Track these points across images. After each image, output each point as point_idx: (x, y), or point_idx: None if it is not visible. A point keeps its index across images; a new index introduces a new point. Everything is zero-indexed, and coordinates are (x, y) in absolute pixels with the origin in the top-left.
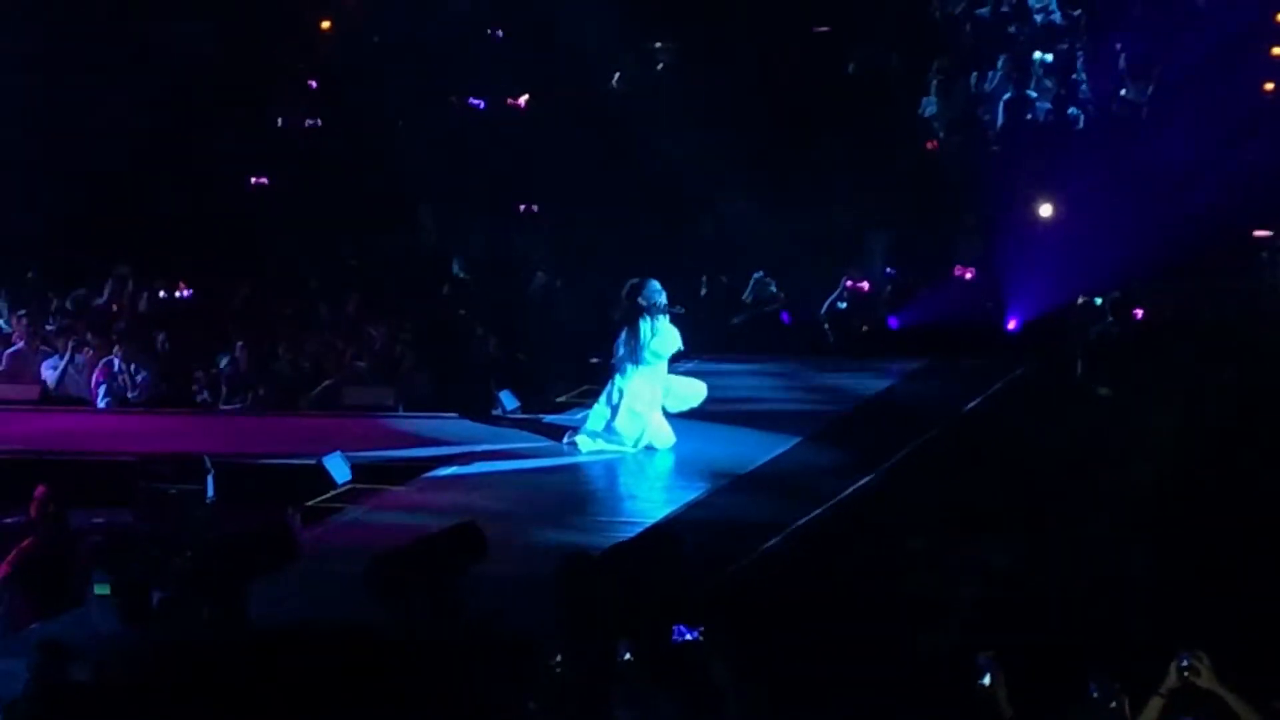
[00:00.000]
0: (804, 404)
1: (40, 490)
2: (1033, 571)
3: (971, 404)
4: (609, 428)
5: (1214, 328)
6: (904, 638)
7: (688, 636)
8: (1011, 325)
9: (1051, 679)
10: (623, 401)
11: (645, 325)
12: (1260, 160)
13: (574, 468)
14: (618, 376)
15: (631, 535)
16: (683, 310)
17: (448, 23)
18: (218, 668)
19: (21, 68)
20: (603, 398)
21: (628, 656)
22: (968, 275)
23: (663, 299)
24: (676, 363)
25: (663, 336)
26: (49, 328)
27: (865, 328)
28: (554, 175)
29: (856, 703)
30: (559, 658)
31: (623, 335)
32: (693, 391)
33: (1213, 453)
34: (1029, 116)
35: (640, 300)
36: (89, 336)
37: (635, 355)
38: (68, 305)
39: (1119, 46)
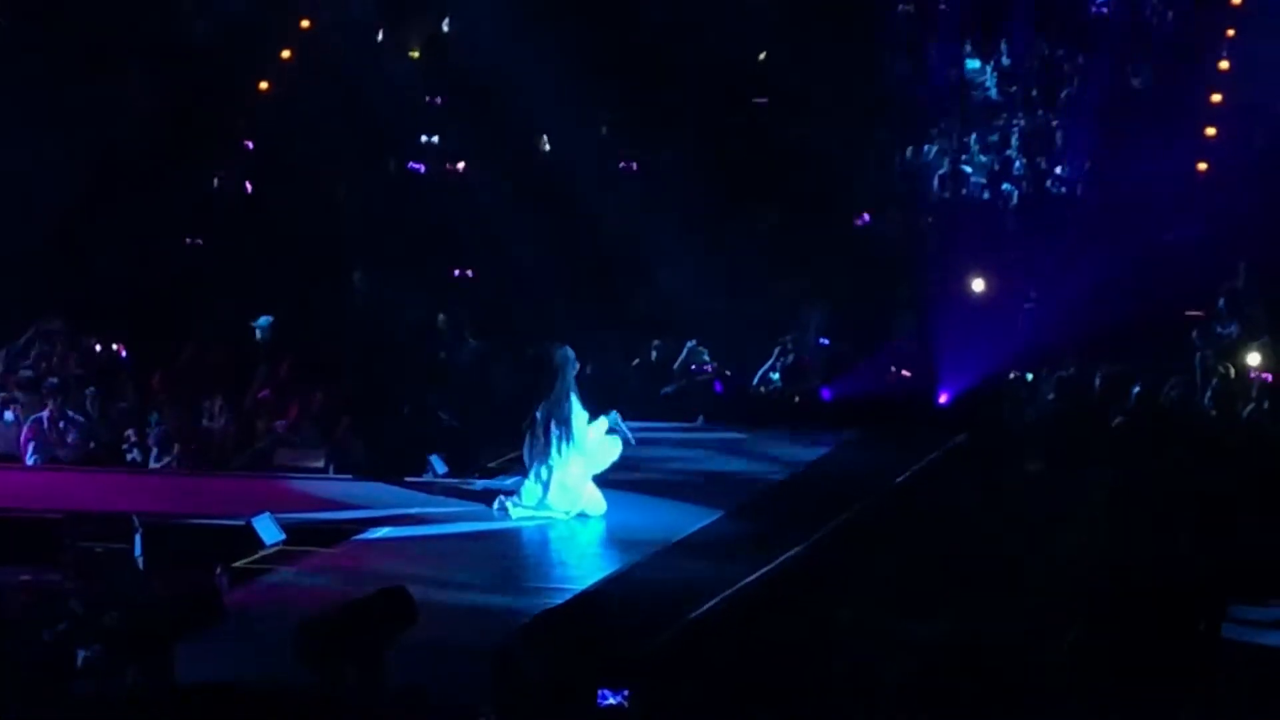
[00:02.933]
0: (736, 473)
1: None
2: (960, 647)
3: (902, 476)
4: (541, 504)
5: (1145, 405)
6: (831, 711)
7: (612, 701)
8: (943, 399)
9: None
10: (553, 477)
11: (568, 402)
12: (1192, 239)
13: (504, 533)
14: (547, 456)
15: (561, 601)
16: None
17: (387, 87)
18: None
19: None
20: (531, 474)
21: None
22: (901, 348)
23: (573, 368)
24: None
25: (579, 420)
26: None
27: (797, 399)
28: (490, 240)
29: None
30: None
31: (543, 408)
32: (611, 451)
33: (1142, 531)
34: (964, 191)
35: (559, 367)
36: (17, 393)
37: (568, 434)
38: None
39: (1054, 123)
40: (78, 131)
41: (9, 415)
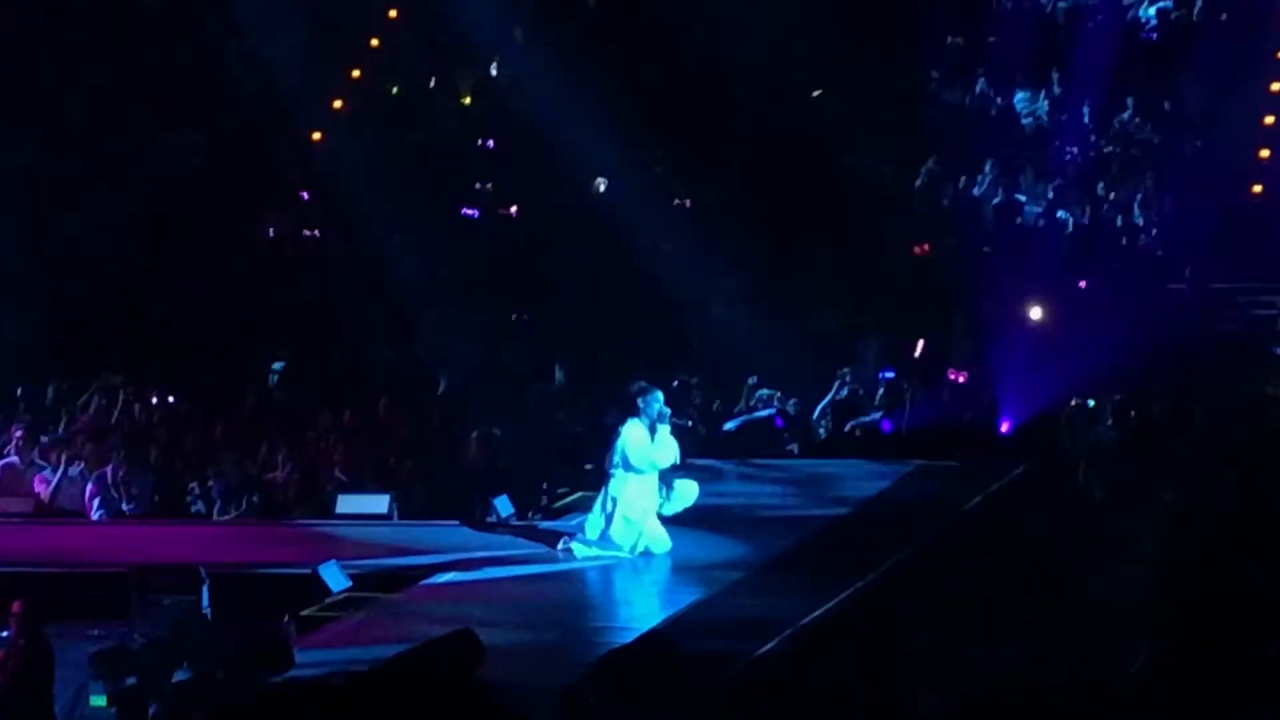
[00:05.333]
0: (800, 507)
1: (16, 605)
2: (1033, 672)
3: (967, 506)
4: (604, 536)
5: (1210, 430)
6: None
7: None
8: (1005, 428)
9: None
10: (616, 510)
11: (636, 431)
12: (1245, 258)
13: (569, 574)
14: (611, 483)
15: (628, 640)
16: (690, 423)
17: (439, 133)
18: None
19: (10, 178)
20: (596, 505)
21: None
22: (960, 379)
23: (660, 408)
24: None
25: (662, 447)
26: (44, 440)
27: (858, 431)
28: (546, 282)
29: None
30: None
31: (617, 441)
32: (686, 493)
33: (1211, 554)
34: (1018, 220)
35: (640, 404)
36: (83, 448)
37: (627, 462)
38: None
39: (1107, 150)
40: (134, 187)
41: (73, 471)
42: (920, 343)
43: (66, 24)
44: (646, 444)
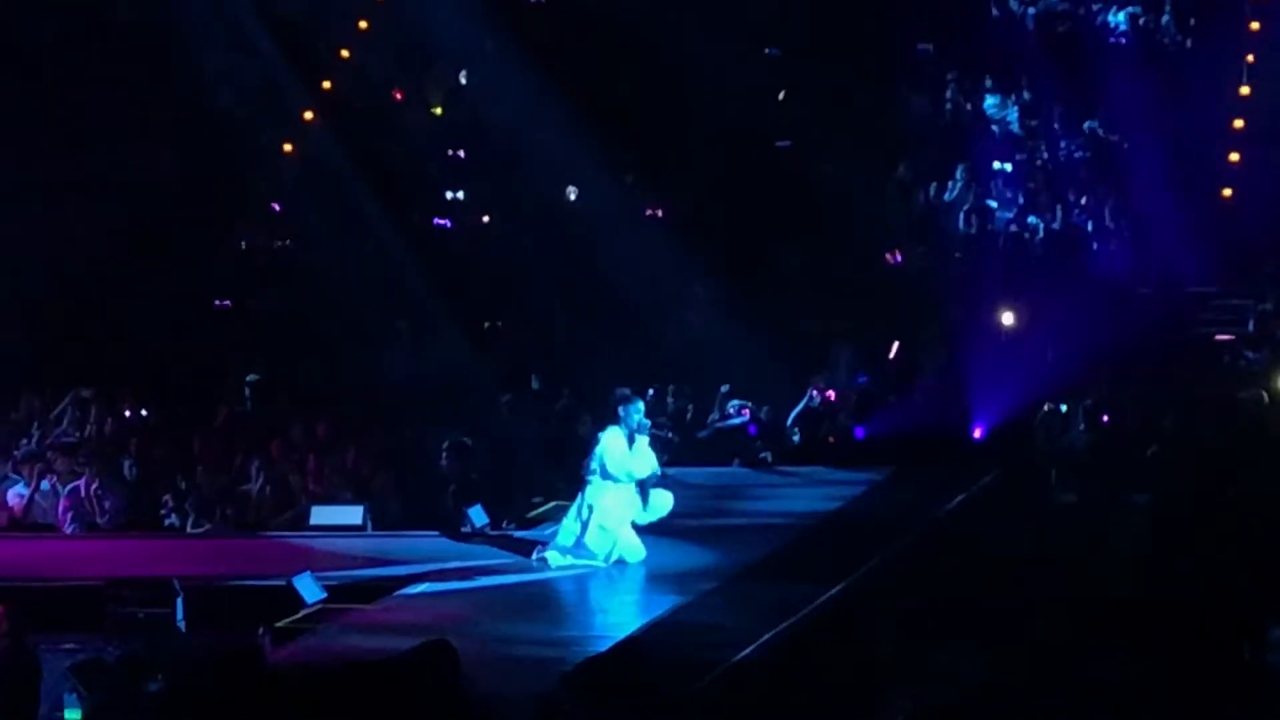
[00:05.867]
0: (773, 515)
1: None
2: (1006, 676)
3: (939, 511)
4: (578, 544)
5: (1181, 434)
6: None
7: None
8: (977, 433)
9: None
10: (592, 518)
11: (615, 439)
12: (1216, 262)
13: (544, 583)
14: (587, 491)
15: (603, 648)
16: (670, 435)
17: (409, 143)
18: None
19: None
20: (571, 513)
21: None
22: (932, 385)
23: (640, 419)
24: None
25: (639, 457)
26: (16, 454)
27: (831, 438)
28: (517, 291)
29: None
30: None
31: (595, 448)
32: (660, 503)
33: (1183, 557)
34: (990, 226)
35: (620, 412)
36: (55, 462)
37: (604, 470)
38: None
39: (1077, 155)
40: (104, 199)
41: (46, 485)
42: (894, 345)
43: (36, 36)
44: (625, 453)
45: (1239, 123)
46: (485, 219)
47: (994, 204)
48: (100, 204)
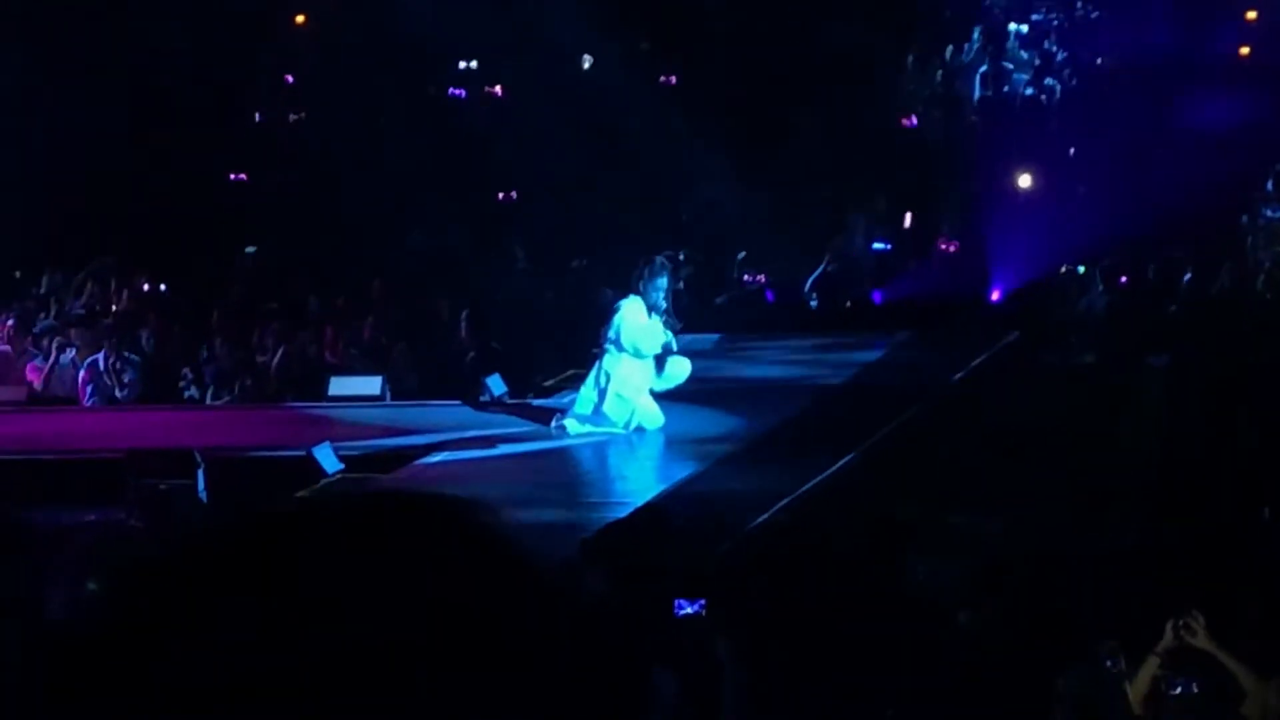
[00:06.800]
0: (791, 380)
1: None
2: (1025, 542)
3: (958, 375)
4: (597, 411)
5: (1198, 293)
6: (901, 608)
7: (689, 610)
8: (995, 296)
9: (1051, 641)
10: (610, 385)
11: (634, 309)
12: (1238, 122)
13: (563, 451)
14: (605, 359)
15: (623, 514)
16: (678, 325)
17: (423, 12)
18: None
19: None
20: (589, 381)
21: None
22: (950, 248)
23: (659, 299)
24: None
25: (652, 331)
26: (36, 328)
27: (849, 303)
28: (533, 162)
29: (858, 677)
30: None
31: (614, 317)
32: (678, 370)
33: (1205, 422)
34: (1006, 89)
35: (643, 279)
36: (74, 336)
37: (619, 340)
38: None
39: (1094, 14)
40: (117, 74)
41: (65, 358)
42: (908, 215)
43: None
44: (642, 325)
45: None
46: (498, 89)
47: (1010, 66)
48: (115, 80)
